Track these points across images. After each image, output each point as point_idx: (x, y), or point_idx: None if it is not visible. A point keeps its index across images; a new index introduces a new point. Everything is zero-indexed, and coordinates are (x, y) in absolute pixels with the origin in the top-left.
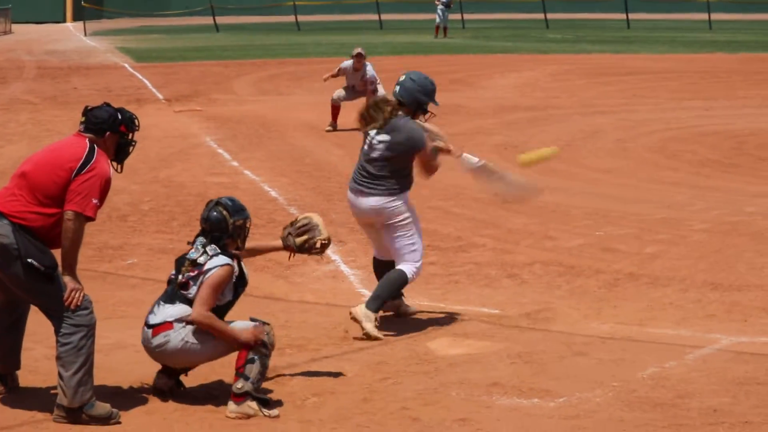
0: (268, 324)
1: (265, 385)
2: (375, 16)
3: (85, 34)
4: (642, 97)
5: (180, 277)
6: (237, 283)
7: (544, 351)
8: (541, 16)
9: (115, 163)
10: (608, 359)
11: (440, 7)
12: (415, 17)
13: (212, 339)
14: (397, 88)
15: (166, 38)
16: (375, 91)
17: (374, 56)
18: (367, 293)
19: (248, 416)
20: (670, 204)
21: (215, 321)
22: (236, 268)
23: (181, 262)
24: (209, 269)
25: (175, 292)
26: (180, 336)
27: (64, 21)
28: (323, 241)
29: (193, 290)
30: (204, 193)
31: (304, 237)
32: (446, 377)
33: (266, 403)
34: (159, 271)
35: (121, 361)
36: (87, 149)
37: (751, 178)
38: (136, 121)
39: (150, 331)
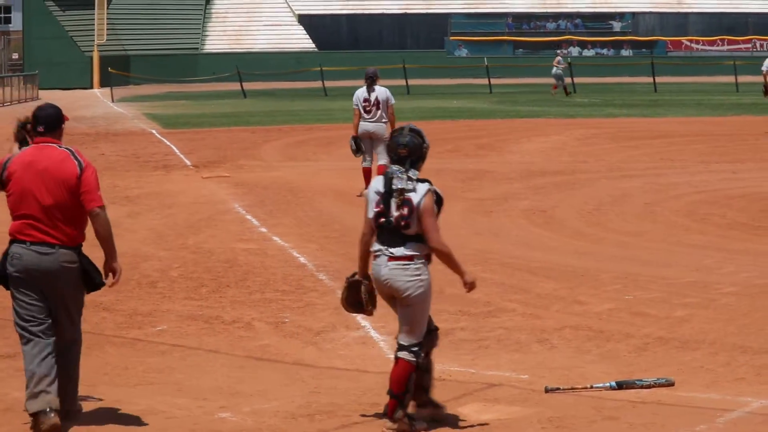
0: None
1: None
2: (402, 81)
3: (113, 100)
4: (670, 161)
5: (394, 215)
6: (437, 201)
7: (574, 416)
8: (567, 80)
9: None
10: (639, 423)
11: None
12: (439, 82)
13: (429, 298)
14: None
15: (193, 104)
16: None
17: (402, 121)
18: None
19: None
20: (698, 267)
21: (451, 250)
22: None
23: (388, 193)
24: (419, 202)
25: (397, 234)
26: (418, 273)
27: (91, 87)
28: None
29: (412, 228)
30: (233, 259)
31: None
32: None
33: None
34: (188, 337)
35: (152, 427)
36: (69, 155)
37: None
38: None
39: (386, 258)
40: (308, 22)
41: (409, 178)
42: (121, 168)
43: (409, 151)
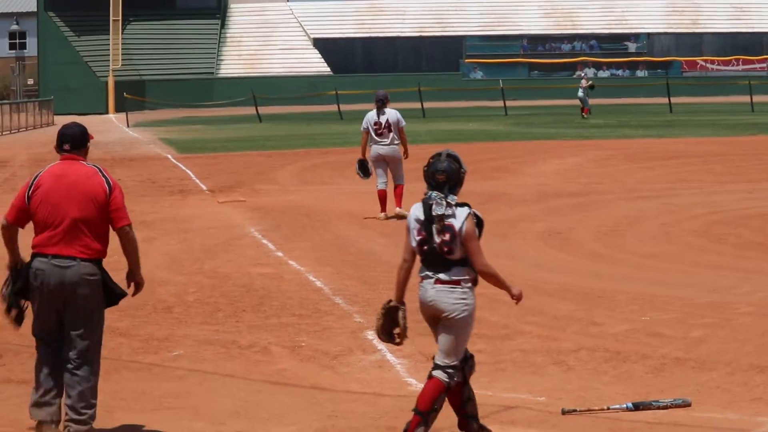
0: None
1: None
2: (417, 104)
3: (128, 126)
4: (685, 181)
5: (437, 241)
6: (477, 224)
7: None
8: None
9: None
10: None
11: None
12: (454, 105)
13: (472, 322)
14: None
15: (208, 129)
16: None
17: (417, 144)
18: (415, 382)
19: None
20: (715, 288)
21: (496, 270)
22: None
23: (428, 220)
24: (460, 228)
25: (442, 259)
26: (464, 296)
27: (107, 112)
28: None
29: (456, 253)
30: (249, 284)
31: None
32: None
33: None
34: (205, 362)
35: None
36: (97, 172)
37: None
38: None
39: (433, 281)
40: (323, 45)
41: (448, 204)
42: (137, 193)
43: (447, 177)
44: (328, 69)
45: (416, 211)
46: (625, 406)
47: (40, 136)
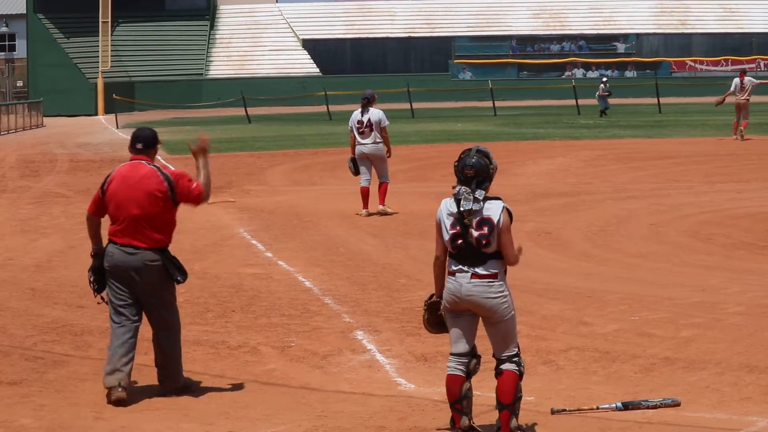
0: None
1: None
2: (406, 105)
3: (117, 127)
4: (675, 181)
5: (474, 235)
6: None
7: None
8: (572, 102)
9: None
10: None
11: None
12: (444, 105)
13: (514, 315)
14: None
15: (198, 130)
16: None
17: (407, 145)
18: (404, 382)
19: None
20: (704, 287)
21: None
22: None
23: (460, 215)
24: (498, 220)
25: (478, 253)
26: (501, 289)
27: (96, 114)
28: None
29: (492, 245)
30: (239, 284)
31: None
32: None
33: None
34: (195, 362)
35: None
36: (155, 171)
37: None
38: None
39: (469, 275)
40: (312, 46)
41: (476, 199)
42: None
43: (476, 172)
44: (317, 70)
45: (448, 206)
46: (614, 405)
47: (29, 138)
